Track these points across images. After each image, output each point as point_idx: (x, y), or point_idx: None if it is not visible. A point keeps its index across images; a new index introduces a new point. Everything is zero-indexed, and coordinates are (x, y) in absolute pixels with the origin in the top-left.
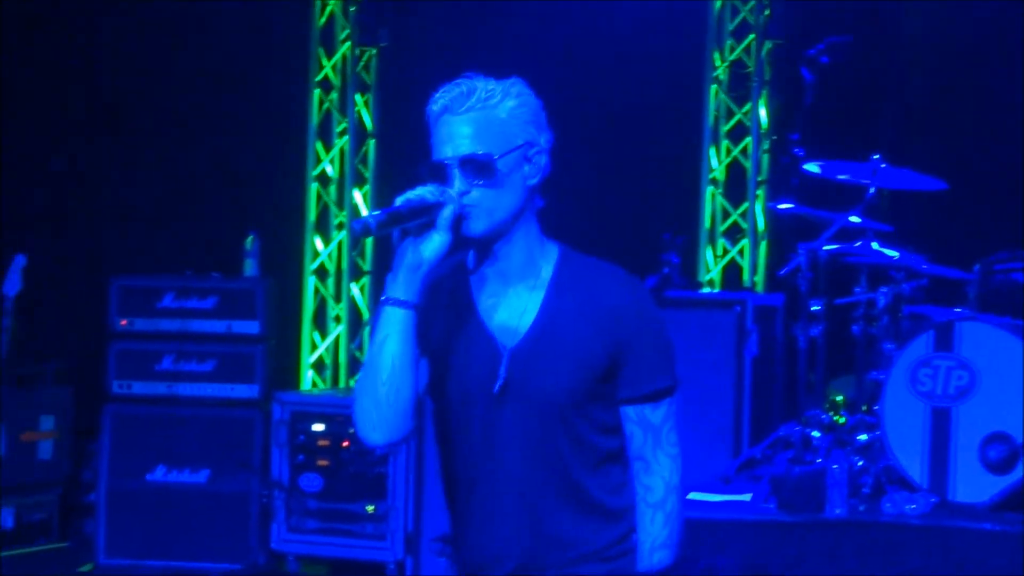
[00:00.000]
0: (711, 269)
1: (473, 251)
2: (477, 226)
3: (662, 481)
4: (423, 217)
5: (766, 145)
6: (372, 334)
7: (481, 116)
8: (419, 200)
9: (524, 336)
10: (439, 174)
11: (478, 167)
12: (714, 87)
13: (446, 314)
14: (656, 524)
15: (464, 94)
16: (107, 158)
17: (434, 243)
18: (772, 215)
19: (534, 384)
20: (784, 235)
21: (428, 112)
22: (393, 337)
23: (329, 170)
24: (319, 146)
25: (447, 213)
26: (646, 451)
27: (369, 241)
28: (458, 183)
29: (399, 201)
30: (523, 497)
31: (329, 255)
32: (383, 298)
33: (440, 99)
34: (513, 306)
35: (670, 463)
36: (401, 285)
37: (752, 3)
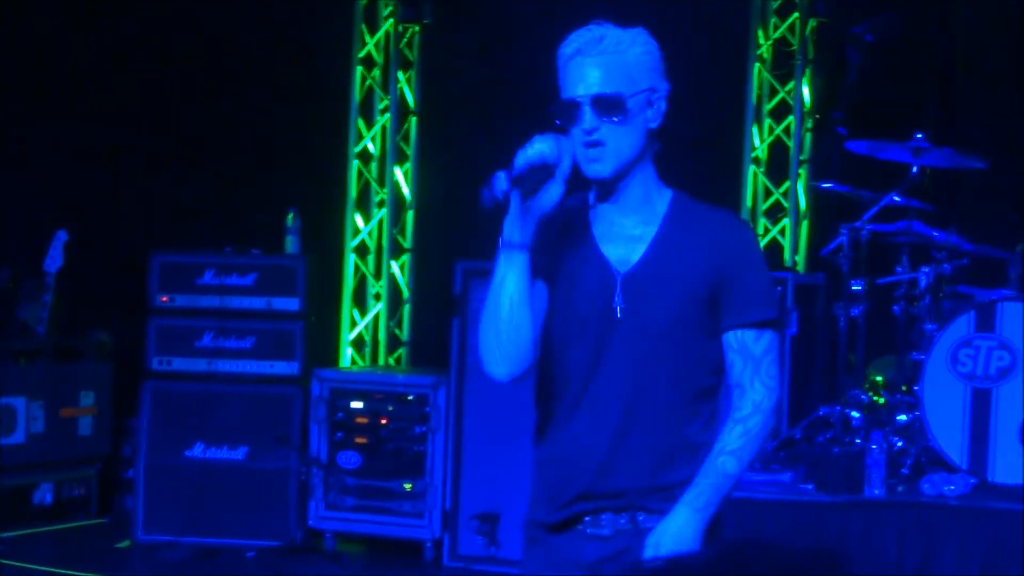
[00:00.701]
0: None
1: (595, 188)
2: (604, 168)
3: (752, 403)
4: (542, 174)
5: (809, 124)
6: (491, 275)
7: (612, 60)
8: (539, 158)
9: (636, 264)
10: (569, 112)
11: (609, 105)
12: (757, 65)
13: (565, 242)
14: (732, 434)
15: (596, 39)
16: (149, 134)
17: (551, 193)
18: (814, 194)
19: (643, 310)
20: (826, 214)
21: (559, 54)
22: (511, 277)
23: (371, 147)
24: (361, 123)
25: (565, 166)
26: (744, 378)
27: (409, 218)
28: (588, 120)
29: (520, 161)
30: (620, 417)
31: (369, 232)
32: (501, 240)
33: (572, 43)
34: (628, 237)
35: (764, 391)
36: (517, 229)
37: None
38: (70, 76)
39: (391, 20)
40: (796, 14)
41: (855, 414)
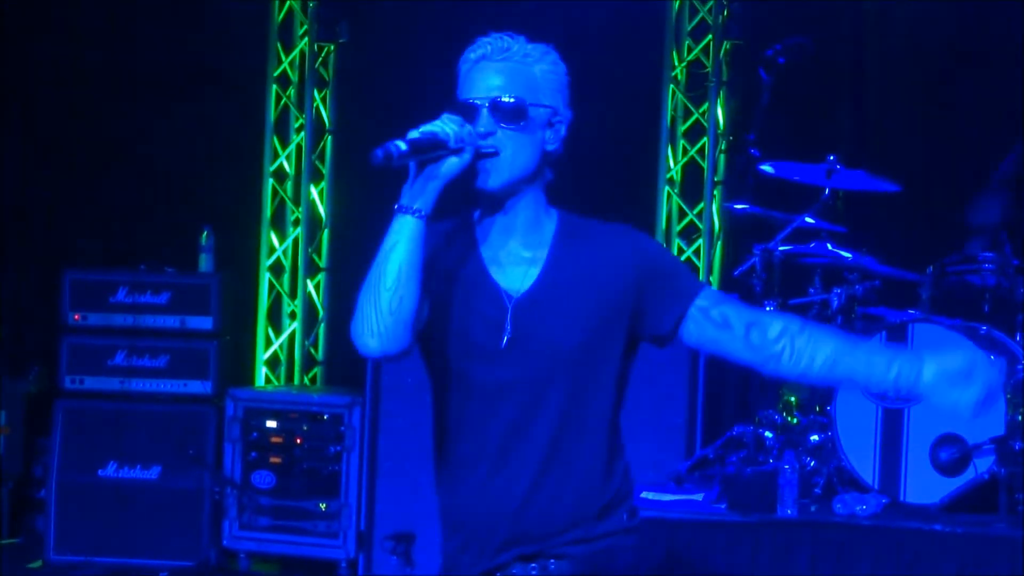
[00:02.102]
0: None
1: (481, 208)
2: (496, 179)
3: (780, 318)
4: (442, 150)
5: (723, 145)
6: (382, 242)
7: (517, 68)
8: (442, 134)
9: (528, 288)
10: (466, 114)
11: (508, 111)
12: (671, 87)
13: (450, 263)
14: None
15: (504, 47)
16: (61, 151)
17: (451, 162)
18: (728, 215)
19: (538, 335)
20: (739, 235)
21: (463, 59)
22: (402, 244)
23: (286, 166)
24: (276, 141)
25: (465, 152)
26: (750, 315)
27: (325, 238)
28: (485, 123)
29: (417, 133)
30: (521, 452)
31: (284, 251)
32: (396, 205)
33: (479, 48)
34: (518, 261)
35: (769, 312)
36: (415, 194)
37: (711, 3)
38: None
39: (306, 39)
40: (710, 36)
41: (768, 434)
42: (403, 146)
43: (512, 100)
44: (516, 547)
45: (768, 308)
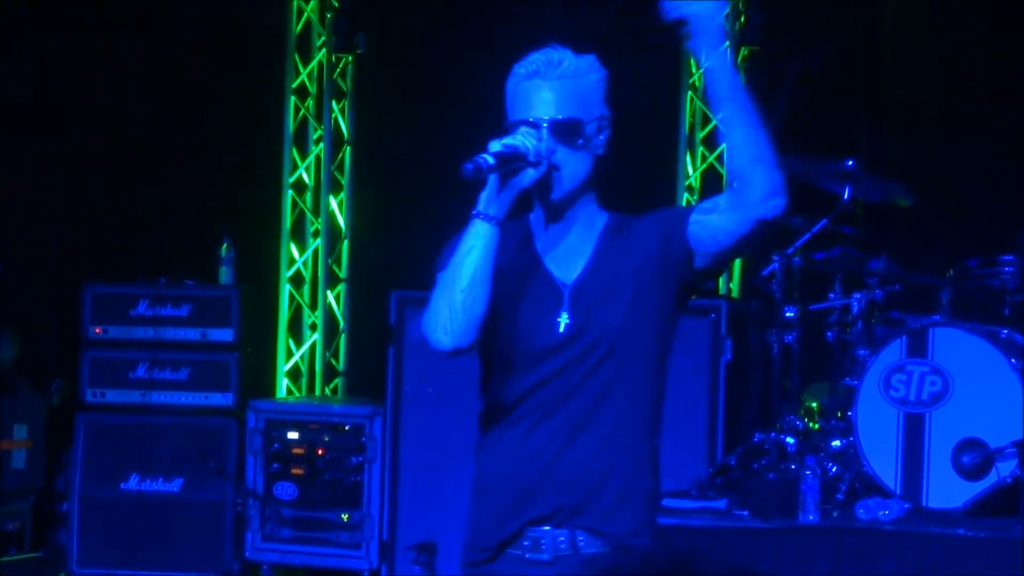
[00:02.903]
0: None
1: (536, 211)
2: (556, 193)
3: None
4: (521, 162)
5: None
6: (457, 246)
7: (570, 84)
8: (523, 147)
9: (579, 275)
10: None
11: (567, 130)
12: (689, 93)
13: (511, 260)
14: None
15: (555, 62)
16: (82, 164)
17: (529, 174)
18: None
19: (593, 320)
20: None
21: (513, 73)
22: (477, 249)
23: (305, 177)
24: (295, 153)
25: (543, 153)
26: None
27: (344, 248)
28: (545, 143)
29: (500, 146)
30: (571, 431)
31: (304, 263)
32: (473, 212)
33: (529, 64)
34: (569, 252)
35: None
36: (491, 202)
37: (728, 10)
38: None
39: (324, 50)
40: (728, 42)
41: (790, 440)
42: (490, 160)
43: (570, 119)
44: (549, 512)
45: (788, 315)
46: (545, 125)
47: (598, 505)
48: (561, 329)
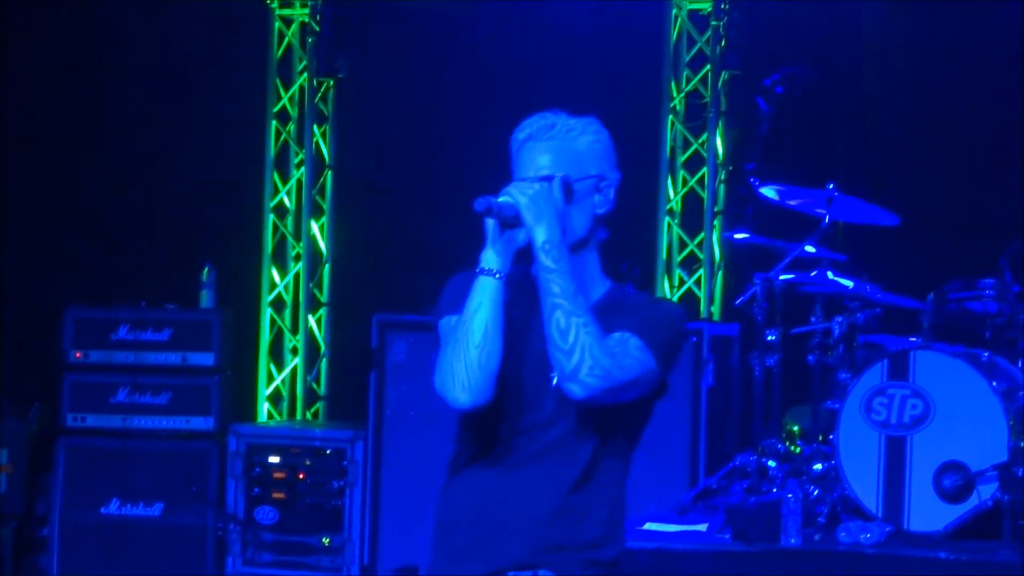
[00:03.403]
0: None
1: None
2: None
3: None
4: (515, 218)
5: (722, 175)
6: (454, 290)
7: (562, 145)
8: (517, 203)
9: None
10: None
11: (558, 187)
12: (670, 117)
13: (510, 309)
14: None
15: (548, 125)
16: (63, 188)
17: (523, 232)
18: (728, 245)
19: None
20: (740, 265)
21: (512, 139)
22: (486, 305)
23: (286, 201)
24: (276, 177)
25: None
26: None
27: (326, 272)
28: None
29: (504, 199)
30: (542, 473)
31: (286, 287)
32: (478, 269)
33: (526, 128)
34: None
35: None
36: (494, 257)
37: (708, 34)
38: None
39: (305, 74)
40: (708, 67)
41: (771, 463)
42: (499, 203)
43: (555, 176)
44: (513, 555)
45: (770, 338)
46: (547, 181)
47: (563, 546)
48: (554, 383)
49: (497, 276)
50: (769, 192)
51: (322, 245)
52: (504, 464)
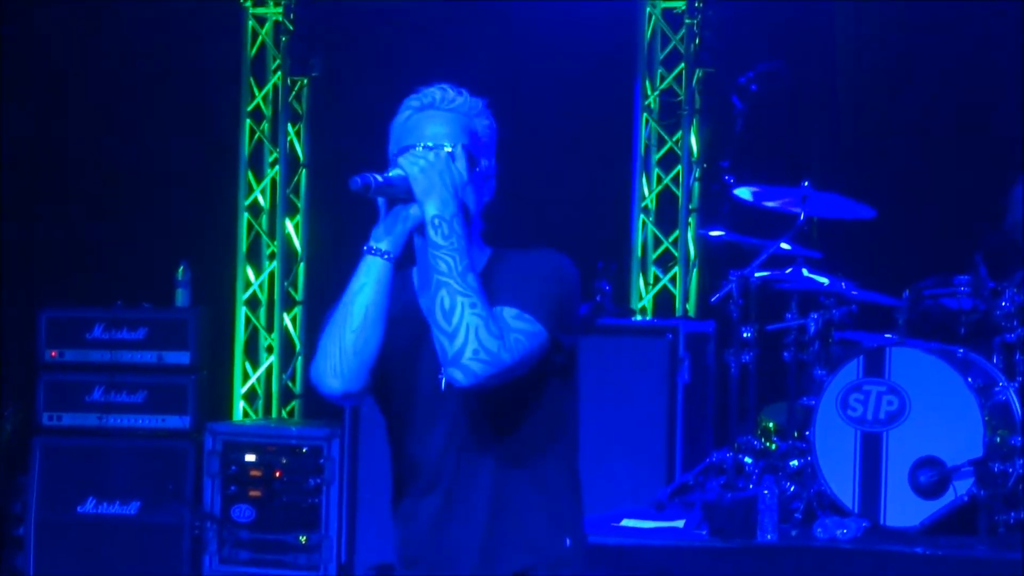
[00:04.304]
0: (643, 297)
1: (420, 250)
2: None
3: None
4: (406, 191)
5: (697, 173)
6: (349, 283)
7: (462, 119)
8: (409, 175)
9: None
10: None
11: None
12: (644, 115)
13: (392, 313)
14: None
15: (450, 98)
16: (37, 188)
17: (416, 208)
18: (703, 243)
19: None
20: (715, 262)
21: (404, 107)
22: (369, 286)
23: (261, 200)
24: (250, 175)
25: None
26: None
27: (300, 271)
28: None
29: (395, 173)
30: (469, 490)
31: (260, 285)
32: (365, 247)
33: (424, 97)
34: None
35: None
36: (385, 236)
37: (682, 32)
38: None
39: (279, 73)
40: (682, 65)
41: (748, 460)
42: (379, 178)
43: (462, 147)
44: None
45: (745, 335)
46: (440, 149)
47: (510, 567)
48: (443, 387)
49: (385, 256)
50: (744, 193)
51: (297, 244)
52: (426, 488)
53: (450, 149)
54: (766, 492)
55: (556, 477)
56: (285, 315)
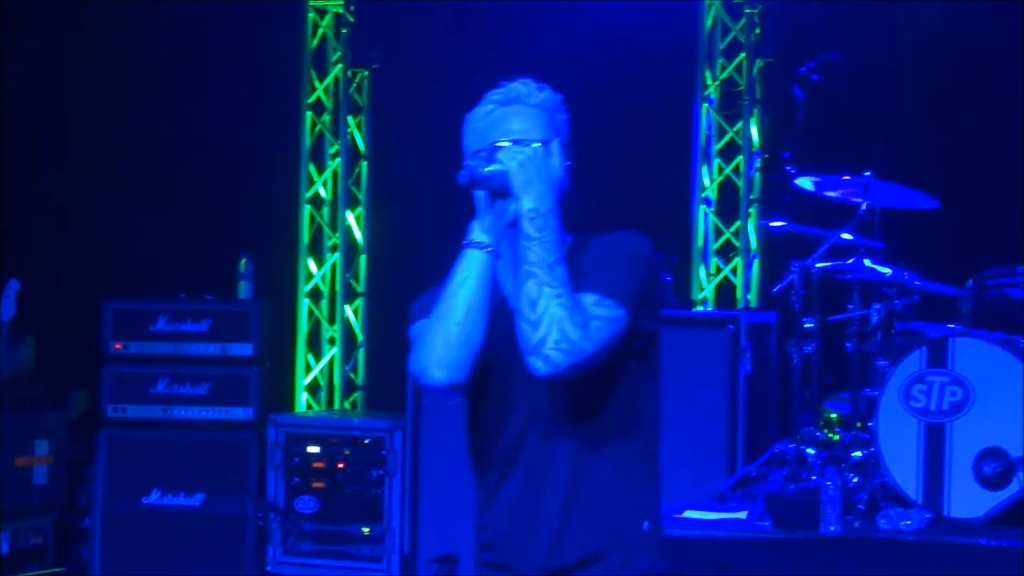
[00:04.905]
0: (704, 287)
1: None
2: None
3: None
4: (505, 186)
5: (758, 163)
6: (451, 276)
7: (547, 114)
8: (509, 171)
9: None
10: (491, 156)
11: (551, 152)
12: (705, 106)
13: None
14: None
15: (535, 91)
16: (101, 182)
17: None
18: (765, 233)
19: None
20: (777, 253)
21: (485, 101)
22: (472, 279)
23: (322, 192)
24: (312, 168)
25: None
26: None
27: (362, 262)
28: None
29: (495, 167)
30: (549, 477)
31: (323, 277)
32: (465, 241)
33: (508, 92)
34: None
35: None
36: (485, 231)
37: (743, 22)
38: (20, 122)
39: (340, 65)
40: (743, 55)
41: (810, 451)
42: (484, 172)
43: (545, 141)
44: (540, 567)
45: (807, 325)
46: (538, 144)
47: (587, 549)
48: (525, 373)
49: (487, 250)
50: (805, 183)
51: (358, 235)
52: (505, 473)
53: (538, 145)
54: (829, 483)
55: (634, 461)
56: (347, 307)
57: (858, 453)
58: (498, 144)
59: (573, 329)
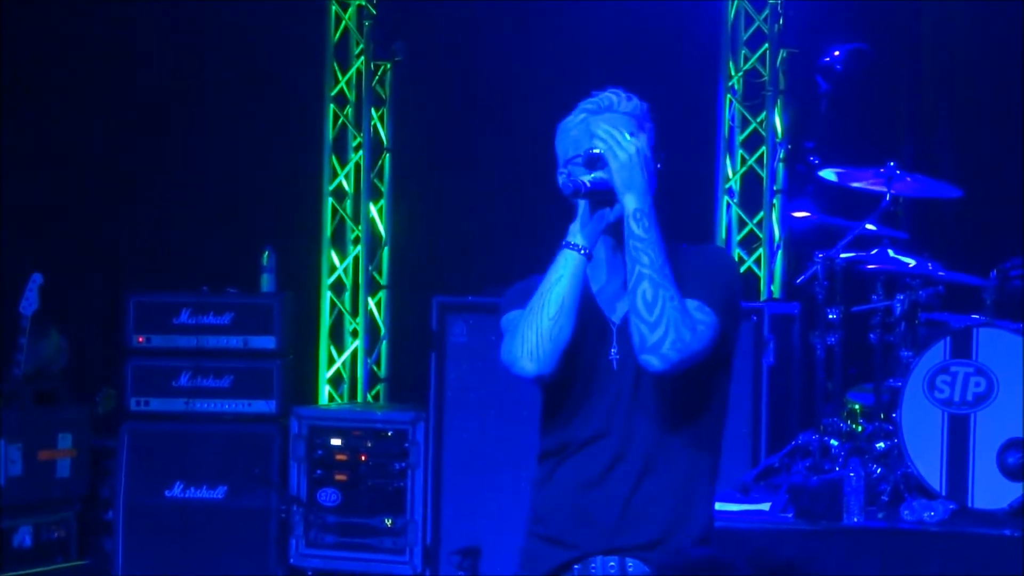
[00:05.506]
0: None
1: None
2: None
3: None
4: (608, 195)
5: (781, 154)
6: (547, 274)
7: (637, 122)
8: (612, 182)
9: (627, 312)
10: (595, 164)
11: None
12: (728, 96)
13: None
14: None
15: (625, 100)
16: (123, 175)
17: (617, 209)
18: (788, 224)
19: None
20: (800, 244)
21: (579, 110)
22: (566, 278)
23: (345, 184)
24: (334, 160)
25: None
26: None
27: (385, 255)
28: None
29: (595, 176)
30: (625, 465)
31: (345, 270)
32: (564, 242)
33: (601, 101)
34: (620, 288)
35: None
36: (582, 233)
37: (766, 12)
38: (42, 117)
39: (363, 58)
40: (766, 45)
41: (834, 442)
42: (588, 183)
43: (646, 150)
44: (600, 543)
45: (831, 316)
46: (629, 154)
47: (649, 533)
48: (615, 367)
49: (582, 251)
50: (829, 174)
51: (381, 228)
52: (582, 454)
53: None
54: (852, 474)
55: (702, 455)
56: (370, 299)
57: (881, 444)
58: (594, 152)
59: (685, 330)
